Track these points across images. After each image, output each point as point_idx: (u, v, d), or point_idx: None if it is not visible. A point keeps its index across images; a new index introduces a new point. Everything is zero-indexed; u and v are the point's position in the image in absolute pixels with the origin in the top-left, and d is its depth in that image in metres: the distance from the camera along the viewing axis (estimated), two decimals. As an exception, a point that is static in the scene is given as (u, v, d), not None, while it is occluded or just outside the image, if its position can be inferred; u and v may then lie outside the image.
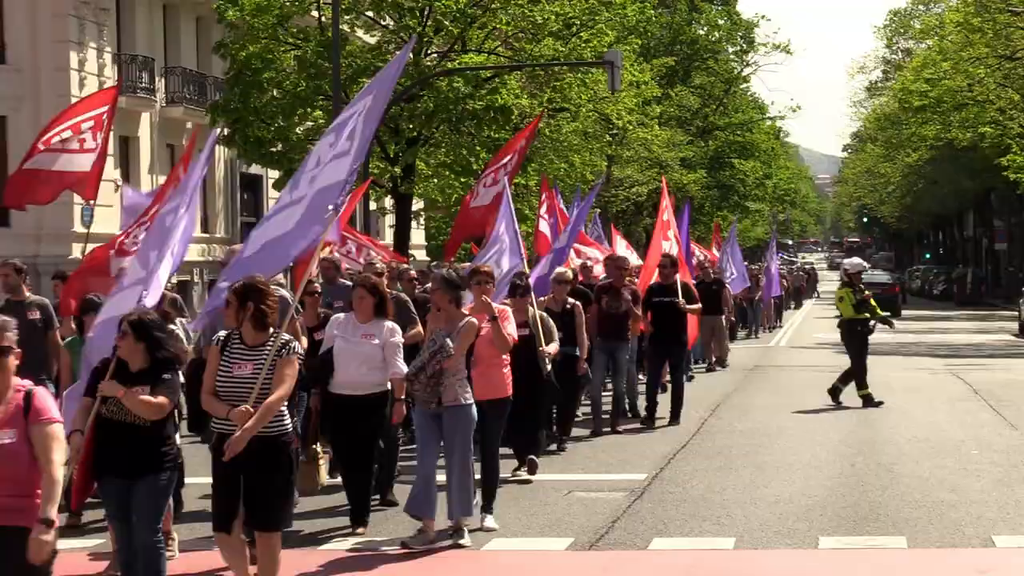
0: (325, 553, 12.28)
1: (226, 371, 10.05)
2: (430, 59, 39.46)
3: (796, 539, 12.72)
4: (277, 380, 9.94)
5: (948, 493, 14.86)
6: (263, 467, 9.94)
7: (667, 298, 21.25)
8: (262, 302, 10.05)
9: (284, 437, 10.07)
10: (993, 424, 20.93)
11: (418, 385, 12.41)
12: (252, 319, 10.06)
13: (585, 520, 13.66)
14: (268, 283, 10.33)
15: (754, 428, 20.70)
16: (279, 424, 10.04)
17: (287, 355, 10.02)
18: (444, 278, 12.79)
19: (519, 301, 15.83)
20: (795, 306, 69.90)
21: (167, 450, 9.71)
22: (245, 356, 10.06)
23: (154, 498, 9.63)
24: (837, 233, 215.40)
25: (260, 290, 10.11)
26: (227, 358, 10.09)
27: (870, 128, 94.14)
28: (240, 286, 10.19)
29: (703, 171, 70.55)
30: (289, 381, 9.98)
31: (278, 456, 10.01)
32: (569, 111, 43.35)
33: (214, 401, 10.05)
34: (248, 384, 9.94)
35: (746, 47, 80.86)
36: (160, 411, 9.56)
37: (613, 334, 20.18)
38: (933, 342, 43.20)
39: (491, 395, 13.27)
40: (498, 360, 13.45)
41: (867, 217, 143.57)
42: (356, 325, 12.83)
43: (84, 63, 40.44)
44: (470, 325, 12.60)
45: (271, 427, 9.95)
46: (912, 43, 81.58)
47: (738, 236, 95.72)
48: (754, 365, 33.19)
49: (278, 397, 9.89)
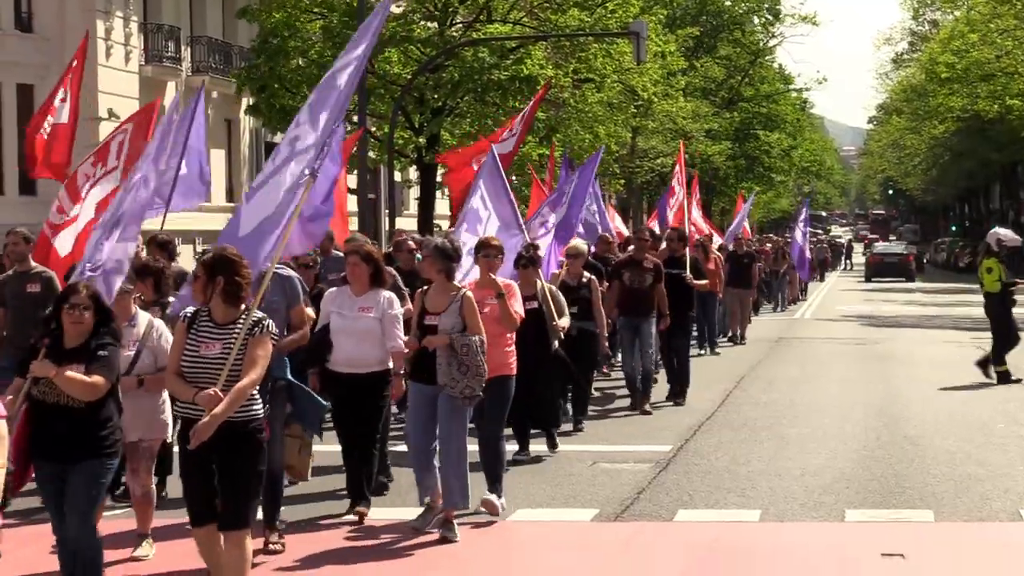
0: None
1: (193, 350, 9.11)
2: (455, 29, 39.40)
3: (822, 512, 12.70)
4: (248, 361, 9.03)
5: (975, 467, 14.82)
6: (229, 456, 9.04)
7: (675, 270, 20.78)
8: (234, 275, 9.16)
9: (254, 423, 9.15)
10: (1019, 398, 20.84)
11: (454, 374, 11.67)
12: (222, 294, 9.15)
13: (610, 491, 13.65)
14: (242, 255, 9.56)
15: (779, 400, 20.67)
16: (249, 409, 9.12)
17: (260, 334, 9.11)
18: (438, 247, 12.07)
19: (526, 273, 15.07)
20: (819, 278, 69.75)
21: (106, 435, 9.10)
22: (214, 335, 9.13)
23: (87, 487, 9.00)
24: (862, 205, 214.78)
25: (231, 262, 9.22)
26: (194, 336, 9.15)
27: (896, 100, 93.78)
28: (209, 258, 9.32)
29: (728, 142, 70.36)
30: (262, 363, 9.08)
31: (247, 444, 9.09)
32: (594, 81, 43.24)
33: (179, 383, 9.13)
34: (217, 365, 9.02)
35: (772, 18, 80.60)
36: (95, 391, 8.96)
37: (637, 310, 19.40)
38: (959, 315, 43.02)
39: (494, 372, 12.27)
40: (502, 338, 12.71)
41: (892, 189, 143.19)
42: (352, 298, 12.27)
43: (111, 32, 40.49)
44: (468, 300, 11.87)
45: (240, 412, 9.03)
46: (939, 15, 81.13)
47: (762, 208, 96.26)
48: (779, 337, 33.12)
49: (250, 380, 8.99)
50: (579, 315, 17.01)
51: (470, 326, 11.75)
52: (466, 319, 11.77)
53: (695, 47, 70.50)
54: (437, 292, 12.01)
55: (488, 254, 13.01)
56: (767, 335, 33.23)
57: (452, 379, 11.61)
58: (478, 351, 11.64)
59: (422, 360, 11.89)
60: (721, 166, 70.44)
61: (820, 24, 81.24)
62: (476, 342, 11.65)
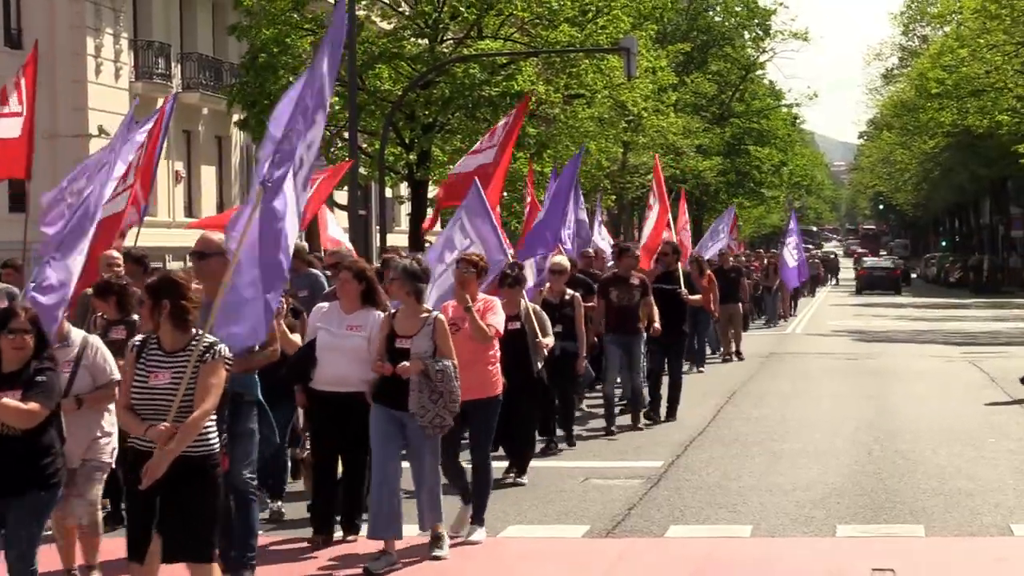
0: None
1: (142, 381, 8.56)
2: (446, 45, 39.44)
3: (813, 527, 12.69)
4: (201, 391, 8.48)
5: (965, 481, 14.83)
6: (186, 493, 8.51)
7: (668, 286, 20.46)
8: (180, 299, 8.59)
9: (211, 459, 8.63)
10: (1010, 412, 20.87)
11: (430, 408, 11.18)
12: (170, 319, 8.57)
13: (601, 507, 13.64)
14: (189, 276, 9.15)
15: (770, 415, 20.67)
16: (204, 443, 8.59)
17: (212, 360, 8.54)
18: (406, 268, 11.51)
19: (510, 292, 14.49)
20: (809, 293, 69.77)
21: (46, 464, 8.70)
22: (163, 363, 8.58)
23: (27, 523, 8.65)
24: (852, 220, 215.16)
25: (177, 284, 8.64)
26: (143, 366, 8.59)
27: (886, 115, 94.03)
28: (154, 281, 8.76)
29: (719, 158, 70.46)
30: (215, 391, 8.51)
31: (201, 481, 8.55)
32: (585, 97, 43.29)
33: (130, 416, 8.57)
34: (167, 396, 8.48)
35: (762, 34, 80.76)
36: (31, 419, 8.57)
37: (625, 327, 18.93)
38: (949, 330, 43.12)
39: (478, 394, 12.00)
40: (483, 356, 12.22)
41: (883, 204, 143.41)
42: (341, 316, 11.75)
43: (100, 49, 40.51)
44: (440, 323, 11.42)
45: (196, 446, 8.51)
46: (929, 30, 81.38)
47: (753, 223, 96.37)
48: (770, 352, 33.14)
49: (203, 412, 8.44)
50: (563, 334, 16.69)
51: (442, 349, 11.32)
52: (438, 342, 11.32)
53: (686, 63, 70.61)
54: (407, 315, 11.51)
55: (462, 269, 12.49)
56: (758, 350, 33.23)
57: (422, 407, 11.14)
58: (452, 376, 11.19)
59: (388, 383, 11.34)
60: (712, 181, 70.51)
61: (811, 40, 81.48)
62: (451, 367, 11.22)
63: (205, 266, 10.22)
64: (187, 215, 45.36)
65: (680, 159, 60.50)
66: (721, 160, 70.88)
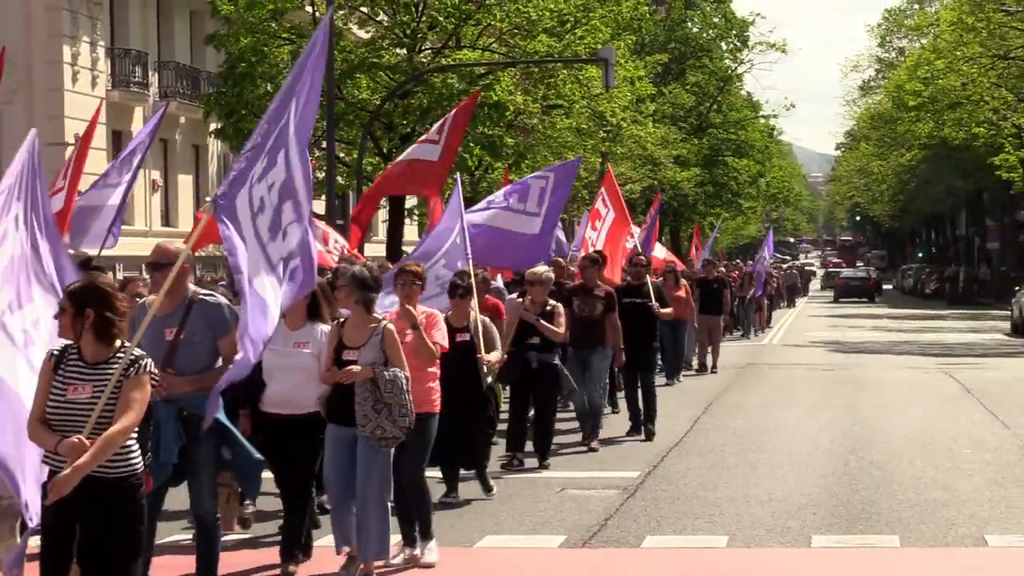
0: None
1: (59, 394, 7.93)
2: (424, 55, 39.42)
3: (789, 537, 12.70)
4: (122, 406, 7.87)
5: (941, 492, 14.86)
6: (104, 518, 7.91)
7: (639, 299, 19.80)
8: (105, 308, 8.00)
9: (132, 479, 8.00)
10: (985, 423, 20.92)
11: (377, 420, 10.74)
12: (93, 330, 7.97)
13: (578, 518, 13.63)
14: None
15: (747, 426, 20.69)
16: (124, 462, 7.97)
17: (136, 374, 7.95)
18: (355, 275, 11.00)
19: (460, 303, 13.96)
20: (787, 304, 69.93)
21: None
22: (84, 375, 7.96)
23: None
24: (830, 231, 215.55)
25: (102, 292, 8.07)
26: (61, 378, 7.96)
27: (863, 127, 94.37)
28: (77, 287, 8.21)
29: (697, 169, 70.54)
30: (138, 407, 7.91)
31: (123, 503, 7.95)
32: (563, 107, 43.31)
33: (41, 430, 7.92)
34: (86, 411, 7.86)
35: (740, 45, 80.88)
36: None
37: (586, 339, 18.23)
38: (926, 341, 43.22)
39: (415, 410, 11.13)
40: (423, 372, 11.64)
41: (860, 216, 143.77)
42: (286, 333, 10.95)
43: (77, 57, 40.43)
44: (389, 333, 10.93)
45: (114, 466, 7.89)
46: (906, 42, 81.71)
47: (730, 234, 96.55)
48: (747, 363, 33.17)
49: (122, 427, 7.81)
50: (541, 346, 16.38)
51: (392, 361, 10.86)
52: (388, 353, 10.87)
53: (663, 74, 70.68)
54: (355, 324, 11.01)
55: (404, 281, 11.90)
56: (735, 361, 33.25)
57: (364, 416, 10.69)
58: (403, 387, 10.74)
59: (341, 399, 10.87)
60: (690, 192, 70.56)
61: (788, 51, 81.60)
62: (402, 378, 10.78)
63: (162, 277, 9.77)
64: (164, 224, 45.29)
65: (658, 170, 60.51)
66: (699, 171, 70.96)
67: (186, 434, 9.68)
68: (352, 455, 10.94)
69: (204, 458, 9.96)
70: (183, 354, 9.92)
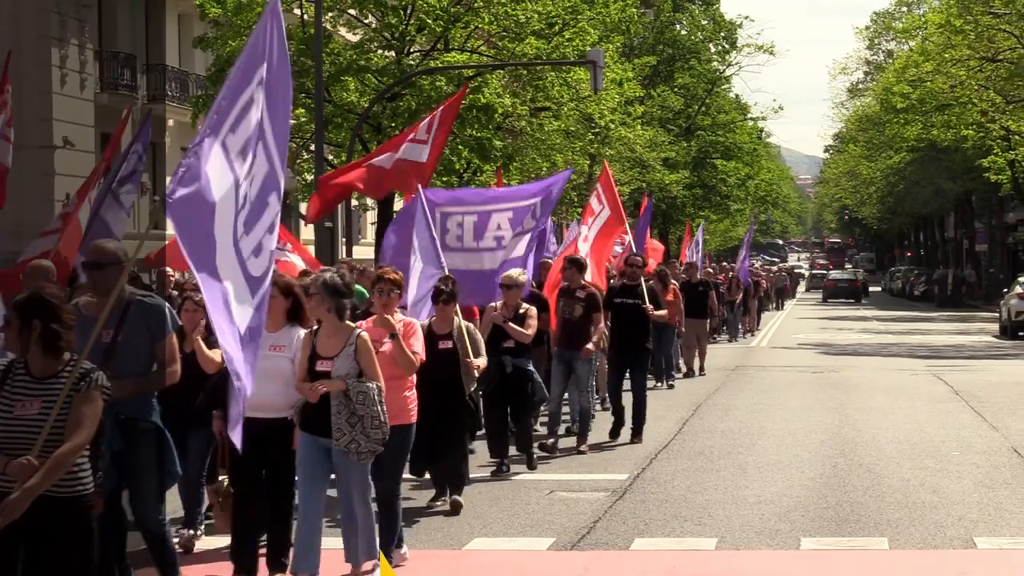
0: None
1: (6, 411, 7.55)
2: (413, 58, 39.42)
3: (777, 540, 12.71)
4: (73, 423, 7.48)
5: (929, 494, 14.87)
6: (52, 539, 7.51)
7: (631, 300, 19.37)
8: (52, 320, 7.62)
9: (83, 500, 7.62)
10: (974, 425, 20.95)
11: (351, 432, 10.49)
12: (40, 343, 7.59)
13: (567, 520, 13.63)
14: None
15: (736, 429, 20.69)
16: (75, 481, 7.58)
17: (87, 389, 7.55)
18: (326, 283, 10.69)
19: (444, 309, 13.83)
20: (776, 307, 70.01)
21: None
22: (31, 391, 7.58)
23: None
24: (818, 234, 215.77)
25: (49, 304, 7.67)
26: (8, 393, 7.59)
27: (852, 129, 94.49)
28: (23, 298, 7.76)
29: (686, 171, 70.60)
30: (90, 423, 7.53)
31: (72, 525, 7.55)
32: (551, 110, 43.32)
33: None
34: (35, 427, 7.47)
35: (728, 47, 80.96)
36: None
37: (569, 342, 18.02)
38: (914, 343, 43.28)
39: (391, 421, 10.95)
40: (400, 381, 11.45)
41: (848, 218, 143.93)
42: (264, 334, 10.30)
43: (65, 59, 40.33)
44: (363, 342, 10.67)
45: (64, 485, 7.51)
46: (894, 44, 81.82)
47: (719, 236, 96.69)
48: (735, 366, 33.18)
49: (73, 446, 7.44)
50: (515, 350, 16.11)
51: (366, 371, 10.62)
52: (362, 364, 10.63)
53: (652, 76, 70.73)
54: (328, 333, 10.73)
55: (382, 289, 11.65)
56: (724, 364, 33.28)
57: (338, 430, 10.45)
58: (376, 400, 10.50)
59: (315, 408, 10.59)
60: (678, 195, 70.61)
61: (777, 54, 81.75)
62: (374, 390, 10.54)
63: (102, 277, 9.48)
64: (152, 227, 45.09)
65: (646, 172, 60.54)
66: (687, 174, 71.02)
67: (123, 439, 9.37)
68: (324, 467, 10.79)
69: (143, 463, 9.63)
70: (121, 357, 9.53)
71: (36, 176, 36.71)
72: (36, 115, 39.10)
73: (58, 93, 39.84)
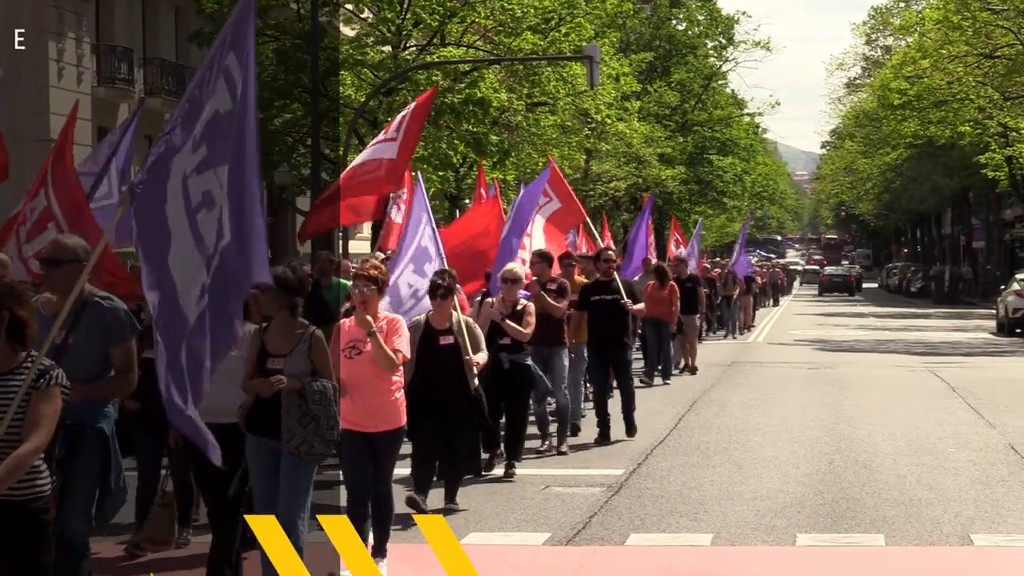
0: None
1: None
2: (409, 53, 39.39)
3: (773, 536, 12.68)
4: (31, 422, 7.01)
5: (926, 491, 14.84)
6: (6, 545, 7.10)
7: (608, 296, 18.86)
8: (21, 309, 7.16)
9: (38, 502, 7.17)
10: (971, 422, 20.92)
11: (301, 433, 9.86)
12: (7, 333, 7.11)
13: (562, 515, 13.60)
14: None
15: (732, 424, 20.67)
16: (31, 484, 7.13)
17: (47, 386, 7.07)
18: (278, 277, 9.85)
19: (441, 304, 13.41)
20: (772, 303, 69.98)
21: None
22: None
23: None
24: (815, 230, 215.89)
25: (16, 292, 7.20)
26: None
27: (849, 125, 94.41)
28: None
29: (682, 167, 70.59)
30: (48, 423, 7.05)
31: (26, 530, 7.13)
32: (547, 105, 43.31)
33: None
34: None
35: (725, 43, 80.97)
36: None
37: (542, 338, 17.02)
38: (911, 340, 43.27)
39: (384, 426, 10.88)
40: (386, 383, 11.08)
41: (845, 214, 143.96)
42: None
43: (63, 53, 40.29)
44: (318, 340, 10.05)
45: (19, 489, 7.05)
46: (891, 40, 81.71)
47: (716, 232, 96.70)
48: (731, 362, 33.15)
49: (32, 447, 6.98)
50: (511, 346, 15.79)
51: (320, 370, 10.01)
52: (315, 362, 10.00)
53: (648, 72, 70.71)
54: (279, 331, 10.09)
55: (358, 286, 11.24)
56: (720, 359, 33.25)
57: (288, 431, 9.80)
58: (332, 400, 9.92)
59: (263, 409, 9.95)
60: (675, 190, 70.61)
61: (773, 49, 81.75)
62: (330, 388, 9.96)
63: (59, 274, 8.96)
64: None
65: (642, 167, 60.53)
66: (684, 169, 71.00)
67: (66, 443, 8.59)
68: (275, 469, 10.03)
69: (82, 471, 8.90)
70: (70, 360, 8.43)
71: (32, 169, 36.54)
72: (33, 109, 39.07)
73: (55, 86, 39.79)
